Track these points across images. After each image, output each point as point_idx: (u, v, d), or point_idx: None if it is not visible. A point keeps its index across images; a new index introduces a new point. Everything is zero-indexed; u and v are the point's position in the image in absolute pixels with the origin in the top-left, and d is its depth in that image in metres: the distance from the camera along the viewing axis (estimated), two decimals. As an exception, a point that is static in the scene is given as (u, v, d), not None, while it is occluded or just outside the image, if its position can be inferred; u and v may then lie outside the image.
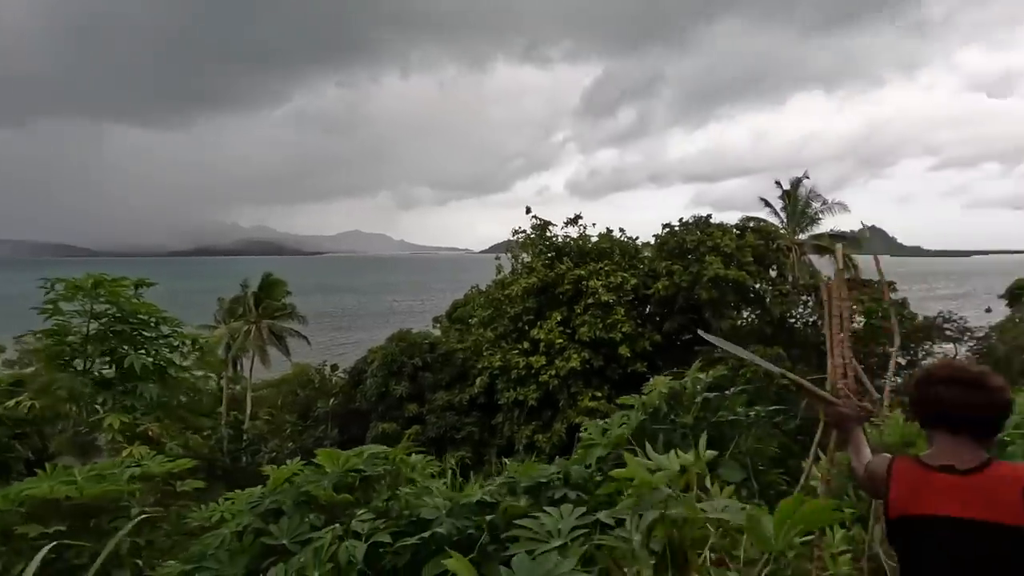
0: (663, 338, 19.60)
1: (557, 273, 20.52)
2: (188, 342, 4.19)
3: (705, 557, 1.27)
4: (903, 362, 21.79)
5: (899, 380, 21.06)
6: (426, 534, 2.46)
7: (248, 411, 25.15)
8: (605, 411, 17.43)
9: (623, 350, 19.02)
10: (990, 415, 1.49)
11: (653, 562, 1.15)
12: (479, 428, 19.66)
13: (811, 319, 18.66)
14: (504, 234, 23.58)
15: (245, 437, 21.90)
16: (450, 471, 3.75)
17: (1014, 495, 1.37)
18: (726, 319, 18.81)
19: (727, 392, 3.40)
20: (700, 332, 2.46)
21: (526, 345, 19.78)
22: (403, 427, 19.47)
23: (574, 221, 22.32)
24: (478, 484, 3.18)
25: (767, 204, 29.27)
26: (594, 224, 22.73)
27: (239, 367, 28.39)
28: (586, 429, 3.27)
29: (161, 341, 4.04)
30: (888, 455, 1.67)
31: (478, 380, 19.69)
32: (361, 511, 2.46)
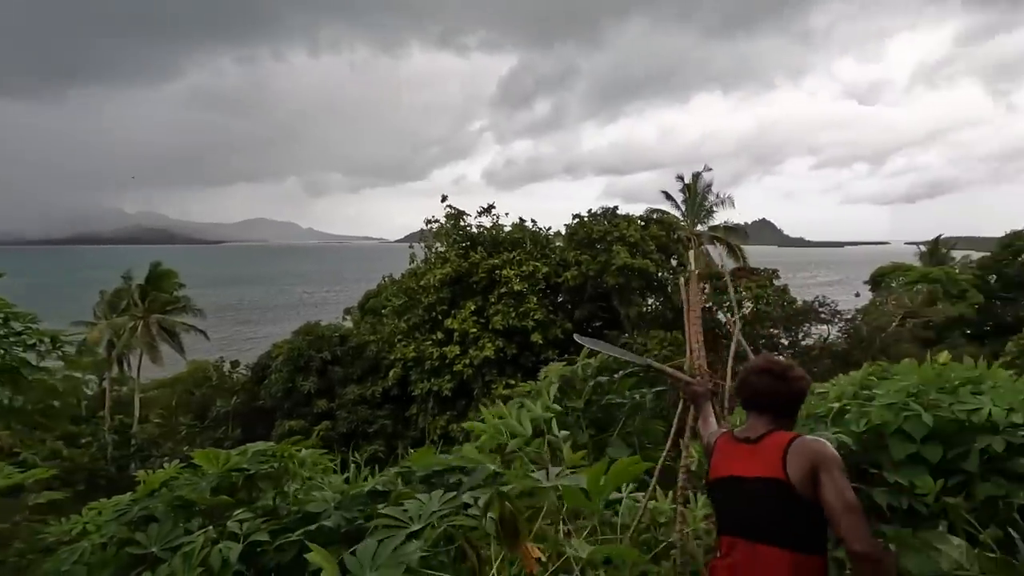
0: (574, 325, 20.24)
1: (471, 263, 20.57)
2: (47, 340, 3.75)
3: (555, 526, 1.38)
4: (786, 343, 24.05)
5: (782, 359, 23.18)
6: (312, 527, 2.41)
7: (137, 414, 23.08)
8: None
9: (536, 337, 19.45)
10: (788, 399, 1.86)
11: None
12: (392, 421, 19.34)
13: (707, 305, 20.03)
14: (420, 224, 23.24)
15: (133, 442, 20.10)
16: (353, 465, 3.68)
17: (775, 455, 1.74)
18: (633, 306, 19.78)
19: (615, 376, 3.59)
20: (576, 336, 2.59)
21: (440, 335, 19.69)
22: (312, 424, 18.75)
23: (487, 211, 22.42)
24: (369, 475, 3.14)
25: (669, 197, 31.06)
26: (507, 214, 22.96)
27: (126, 366, 25.93)
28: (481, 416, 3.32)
29: (12, 339, 3.57)
30: (722, 430, 2.00)
31: (391, 372, 19.35)
32: (238, 511, 2.35)
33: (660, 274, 20.16)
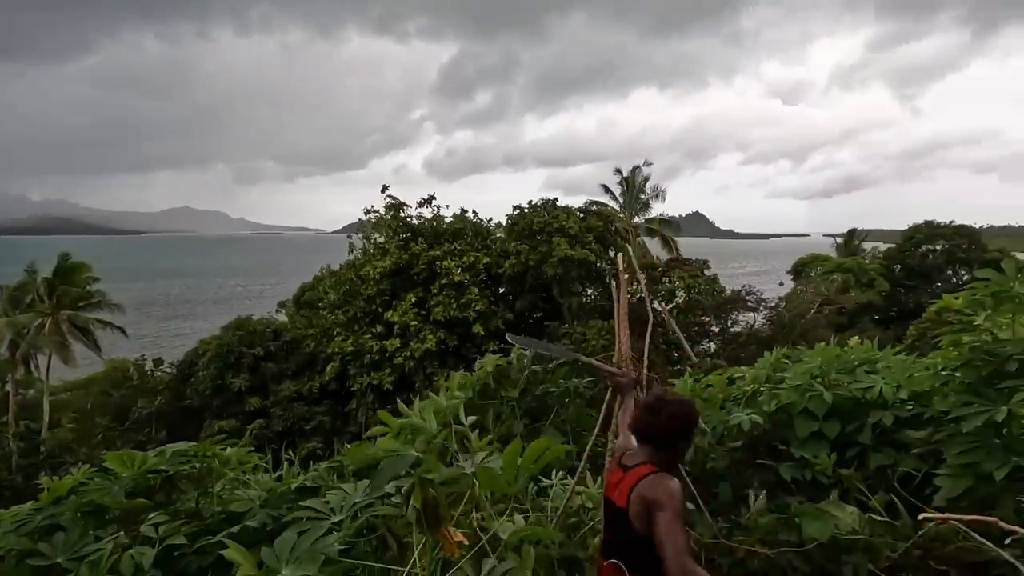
0: (515, 316, 20.41)
1: (411, 254, 20.28)
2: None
3: (471, 510, 1.41)
4: (716, 330, 25.26)
5: (713, 346, 24.36)
6: (235, 528, 2.33)
7: (46, 418, 21.32)
8: (461, 389, 17.78)
9: (477, 329, 19.47)
10: (661, 432, 2.04)
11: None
12: (331, 417, 18.85)
13: (643, 295, 20.73)
14: (360, 214, 22.64)
15: (42, 449, 18.56)
16: (286, 462, 3.58)
17: (628, 487, 1.94)
18: (573, 296, 20.15)
19: (549, 365, 3.66)
20: (508, 336, 2.64)
21: (380, 328, 19.33)
22: (244, 423, 17.97)
23: (428, 202, 22.14)
24: (303, 472, 3.08)
25: (608, 191, 31.90)
26: (447, 205, 22.75)
27: (33, 367, 23.85)
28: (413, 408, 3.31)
29: None
30: (626, 447, 2.20)
31: (329, 367, 18.82)
32: (153, 515, 2.24)
33: (599, 265, 20.62)
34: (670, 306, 21.14)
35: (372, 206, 22.16)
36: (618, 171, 31.89)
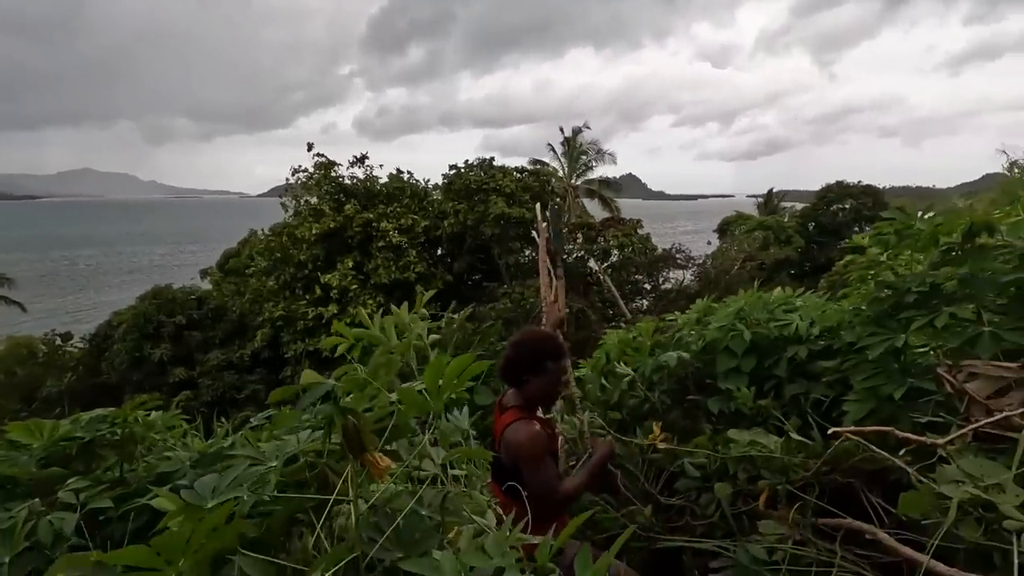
0: (454, 278, 20.32)
1: (345, 216, 19.56)
2: None
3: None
4: (648, 287, 26.30)
5: (645, 302, 25.34)
6: (164, 488, 2.23)
7: (-64, 403, 19.38)
8: (401, 352, 17.63)
9: (419, 290, 19.26)
10: (512, 369, 2.22)
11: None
12: (265, 385, 18.23)
13: (580, 254, 21.09)
14: (288, 175, 21.46)
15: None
16: (219, 428, 3.43)
17: (499, 431, 2.15)
18: (511, 255, 20.23)
19: (482, 326, 3.68)
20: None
21: (317, 293, 18.70)
22: (170, 395, 17.08)
23: (360, 161, 21.30)
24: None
25: (552, 149, 31.91)
26: (381, 166, 22.01)
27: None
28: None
29: None
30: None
31: (259, 333, 18.10)
32: (72, 480, 2.10)
33: (536, 224, 20.78)
34: (605, 265, 21.74)
35: (300, 165, 21.10)
36: (561, 130, 31.91)
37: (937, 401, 2.13)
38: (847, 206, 34.59)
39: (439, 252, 21.82)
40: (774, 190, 43.39)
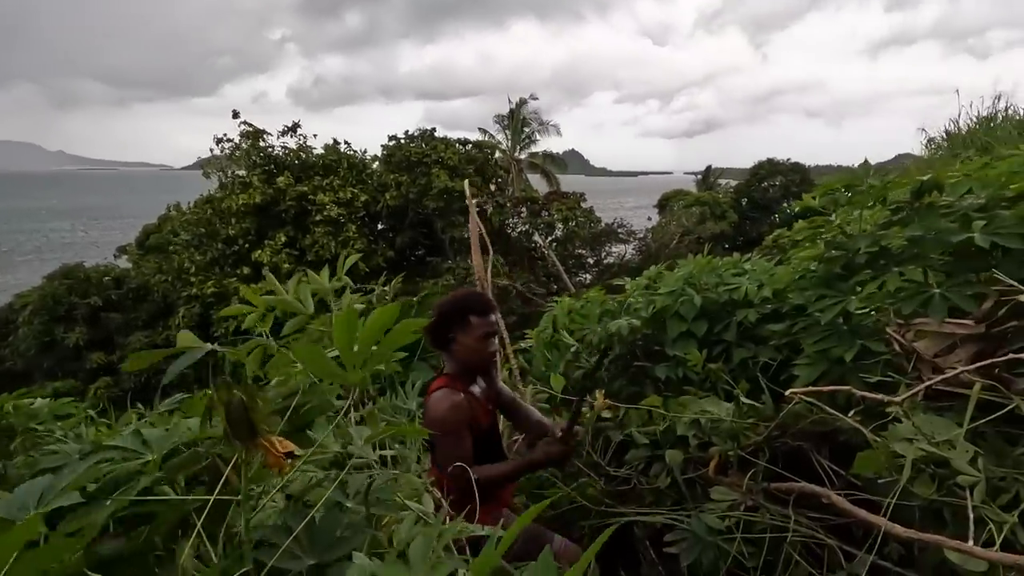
0: (396, 253, 19.75)
1: (277, 189, 18.49)
2: None
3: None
4: (592, 261, 26.65)
5: (588, 276, 25.65)
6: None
7: None
8: (341, 331, 17.03)
9: (360, 267, 18.56)
10: (430, 332, 2.07)
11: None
12: (195, 367, 17.17)
13: (524, 228, 20.98)
14: (210, 146, 19.96)
15: None
16: (135, 416, 3.06)
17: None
18: (455, 229, 19.82)
19: (415, 299, 3.46)
20: None
21: (247, 270, 17.69)
22: (87, 381, 15.81)
23: (292, 131, 20.12)
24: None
25: (497, 121, 31.34)
26: (315, 135, 20.90)
27: None
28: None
29: None
30: None
31: (183, 310, 16.97)
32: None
33: (480, 198, 20.41)
34: (549, 239, 21.77)
35: (224, 134, 19.69)
36: (509, 101, 31.35)
37: (885, 361, 2.11)
38: (777, 183, 36.12)
39: (380, 227, 21.11)
40: (712, 167, 44.76)
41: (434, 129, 20.66)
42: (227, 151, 19.66)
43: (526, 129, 30.56)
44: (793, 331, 2.45)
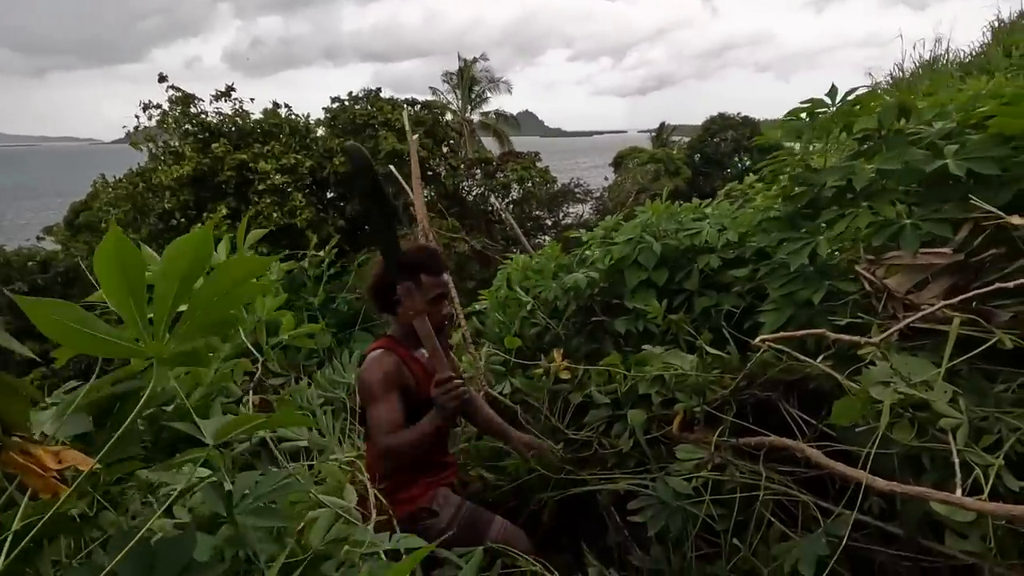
0: (348, 222, 18.98)
1: (214, 157, 17.31)
2: None
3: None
4: (550, 222, 26.47)
5: (547, 238, 25.50)
6: None
7: None
8: (294, 305, 16.42)
9: (309, 237, 17.78)
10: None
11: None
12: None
13: (480, 190, 20.52)
14: (145, 117, 18.39)
15: None
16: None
17: None
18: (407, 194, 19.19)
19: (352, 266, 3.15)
20: None
21: (187, 246, 16.69)
22: (20, 373, 14.78)
23: (226, 95, 18.76)
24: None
25: (446, 80, 30.19)
26: (252, 99, 19.59)
27: None
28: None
29: None
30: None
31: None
32: None
33: (432, 161, 19.69)
34: (506, 201, 21.38)
35: (151, 101, 18.18)
36: (461, 59, 30.17)
37: (854, 301, 1.97)
38: (728, 137, 36.49)
39: (329, 195, 20.20)
40: (665, 124, 44.83)
41: (379, 89, 19.68)
42: (155, 119, 18.20)
43: (476, 88, 29.60)
44: (757, 276, 2.30)
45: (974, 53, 9.08)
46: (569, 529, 2.21)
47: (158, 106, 18.24)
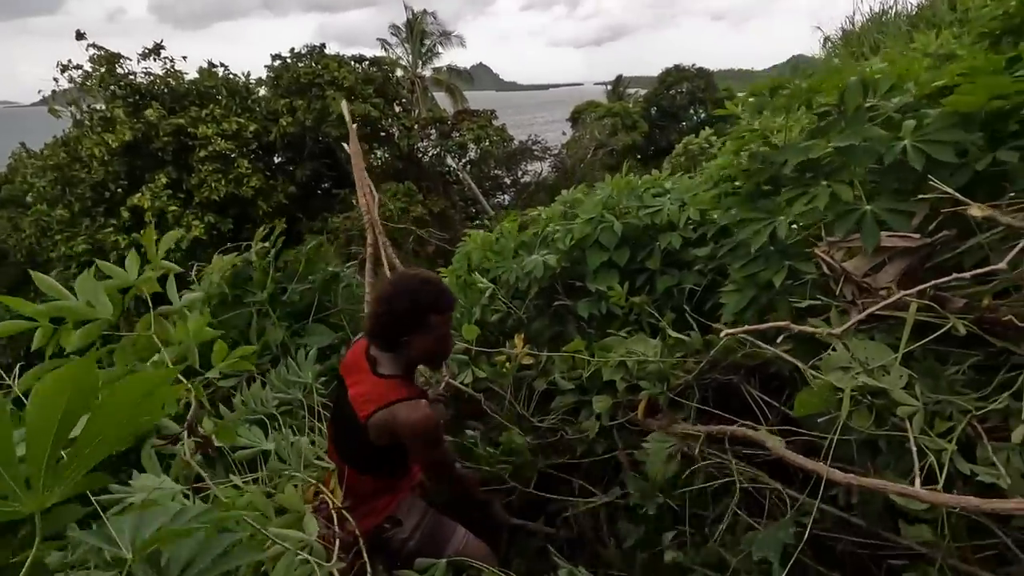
0: (299, 188, 18.22)
1: (148, 123, 16.14)
2: None
3: None
4: (508, 181, 26.11)
5: (507, 197, 25.23)
6: None
7: None
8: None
9: (259, 207, 16.96)
10: (389, 326, 1.70)
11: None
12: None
13: (435, 151, 19.95)
14: (55, 76, 16.82)
15: None
16: None
17: (368, 406, 1.66)
18: (364, 155, 18.47)
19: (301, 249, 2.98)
20: None
21: (125, 218, 15.68)
22: (-49, 362, 13.87)
23: (155, 52, 17.38)
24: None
25: (395, 33, 28.71)
26: (184, 58, 18.24)
27: None
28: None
29: None
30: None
31: (56, 274, 15.01)
32: None
33: (384, 121, 18.92)
34: (463, 161, 20.91)
35: (70, 61, 16.67)
36: (406, 7, 28.62)
37: (812, 281, 1.98)
38: (684, 89, 36.38)
39: (277, 160, 19.26)
40: (621, 77, 44.30)
41: (323, 45, 18.57)
42: (77, 81, 16.73)
43: (427, 42, 28.34)
44: (719, 256, 2.28)
45: (921, 5, 9.20)
46: (537, 517, 2.22)
47: (79, 67, 16.77)
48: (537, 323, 2.64)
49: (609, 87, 44.70)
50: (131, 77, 17.01)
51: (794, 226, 2.09)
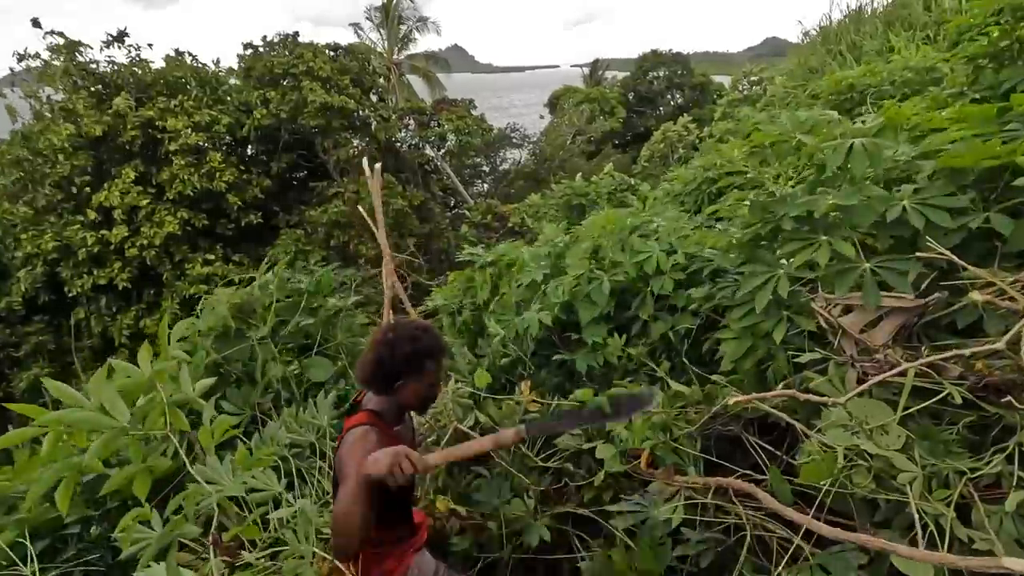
0: (274, 181, 17.81)
1: (115, 115, 15.53)
2: None
3: None
4: (487, 169, 25.93)
5: (486, 186, 25.06)
6: None
7: None
8: (223, 274, 15.46)
9: (233, 200, 16.52)
10: (372, 376, 1.72)
11: None
12: (54, 333, 15.10)
13: (414, 141, 19.68)
14: (13, 63, 16.04)
15: None
16: None
17: (341, 436, 1.68)
18: (340, 148, 18.07)
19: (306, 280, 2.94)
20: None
21: (92, 215, 15.16)
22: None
23: (119, 40, 16.67)
24: None
25: (370, 17, 27.98)
26: (151, 45, 17.57)
27: None
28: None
29: None
30: None
31: (23, 274, 14.50)
32: None
33: (361, 112, 18.54)
34: (442, 151, 20.66)
35: (27, 49, 15.91)
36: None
37: (810, 333, 2.04)
38: (661, 74, 36.41)
39: (251, 153, 18.75)
40: (599, 60, 44.13)
41: (296, 33, 18.05)
42: (35, 70, 15.97)
43: (402, 27, 27.74)
44: (715, 298, 2.32)
45: (896, 2, 9.34)
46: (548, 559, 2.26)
47: (36, 55, 16.01)
48: (542, 372, 2.66)
49: (586, 70, 44.49)
50: (93, 65, 16.32)
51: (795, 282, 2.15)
